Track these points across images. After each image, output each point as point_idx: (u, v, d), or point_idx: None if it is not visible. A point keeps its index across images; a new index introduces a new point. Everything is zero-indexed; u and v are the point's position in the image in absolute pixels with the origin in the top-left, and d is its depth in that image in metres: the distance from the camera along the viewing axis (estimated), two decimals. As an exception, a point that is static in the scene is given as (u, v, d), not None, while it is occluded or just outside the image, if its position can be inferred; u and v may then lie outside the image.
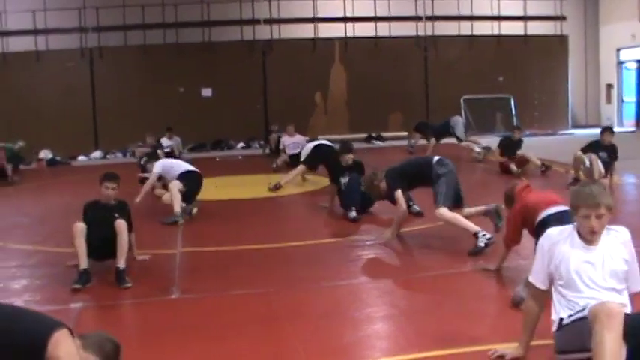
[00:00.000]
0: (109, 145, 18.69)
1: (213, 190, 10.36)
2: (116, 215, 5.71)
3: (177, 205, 7.99)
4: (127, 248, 5.64)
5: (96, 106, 18.82)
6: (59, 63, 18.55)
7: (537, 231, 4.82)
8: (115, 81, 18.75)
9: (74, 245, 5.49)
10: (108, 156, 18.35)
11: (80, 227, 5.52)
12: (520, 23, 20.85)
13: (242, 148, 19.22)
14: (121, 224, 5.57)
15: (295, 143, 13.70)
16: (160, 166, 8.85)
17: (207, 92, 19.43)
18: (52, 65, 18.50)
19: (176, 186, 8.22)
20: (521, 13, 20.87)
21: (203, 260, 6.38)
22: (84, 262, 5.45)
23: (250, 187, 11.24)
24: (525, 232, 5.30)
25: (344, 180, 8.58)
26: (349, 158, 8.66)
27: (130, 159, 15.94)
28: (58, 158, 17.49)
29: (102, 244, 5.62)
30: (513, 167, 11.51)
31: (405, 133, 18.06)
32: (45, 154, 17.54)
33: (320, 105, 20.20)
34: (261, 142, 18.63)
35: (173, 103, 18.79)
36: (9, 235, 7.73)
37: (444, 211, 6.42)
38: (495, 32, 20.68)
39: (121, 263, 5.52)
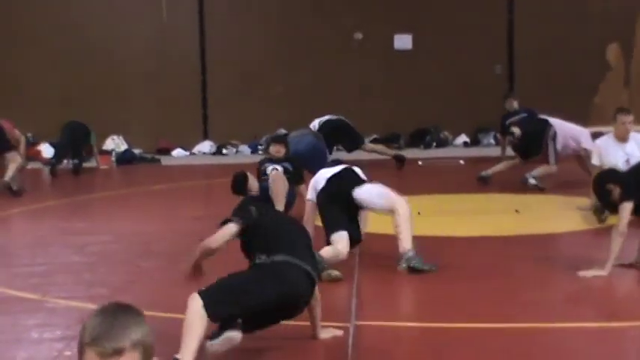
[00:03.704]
0: (226, 133, 18.26)
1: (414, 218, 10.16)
2: None
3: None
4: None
5: (206, 65, 18.55)
6: None
7: None
8: (240, 17, 18.49)
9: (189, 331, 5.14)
10: (225, 150, 18.05)
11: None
12: None
13: (465, 144, 18.61)
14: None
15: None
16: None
17: (404, 42, 18.76)
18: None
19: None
20: None
21: (392, 342, 6.12)
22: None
23: (481, 215, 11.10)
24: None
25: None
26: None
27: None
28: (136, 151, 17.41)
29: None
30: None
31: None
32: (114, 143, 17.40)
33: (617, 69, 19.01)
34: (498, 135, 17.32)
35: (342, 60, 18.24)
36: (52, 283, 7.42)
37: None
38: None
39: None
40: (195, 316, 4.97)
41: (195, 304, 4.96)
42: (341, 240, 7.53)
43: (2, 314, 6.23)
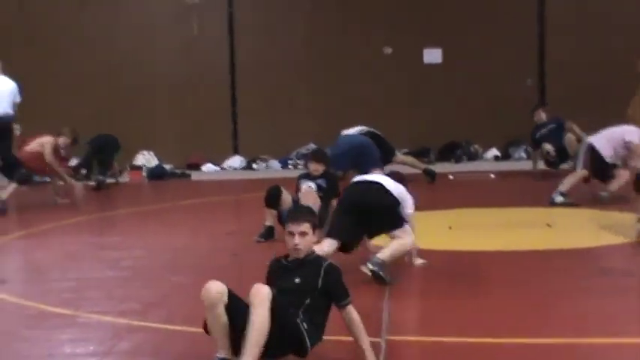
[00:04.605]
0: (256, 148, 18.34)
1: (444, 232, 10.60)
2: (296, 280, 5.54)
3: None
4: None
5: (235, 79, 18.58)
6: (173, 1, 18.42)
7: None
8: (271, 32, 18.50)
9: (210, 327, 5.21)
10: (255, 165, 18.07)
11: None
12: None
13: (496, 158, 18.49)
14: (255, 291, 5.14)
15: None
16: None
17: (433, 56, 18.80)
18: (158, 4, 18.55)
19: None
20: None
21: (423, 357, 6.11)
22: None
23: (512, 229, 10.91)
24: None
25: None
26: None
27: (295, 173, 14.53)
28: (166, 167, 17.42)
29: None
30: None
31: None
32: (144, 159, 17.46)
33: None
34: (529, 148, 17.58)
35: (372, 74, 18.23)
36: (85, 298, 7.41)
37: None
38: None
39: None
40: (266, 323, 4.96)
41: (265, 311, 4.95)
42: (328, 244, 7.64)
43: (36, 329, 6.21)
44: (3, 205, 11.58)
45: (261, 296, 5.00)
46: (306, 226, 5.59)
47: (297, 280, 5.35)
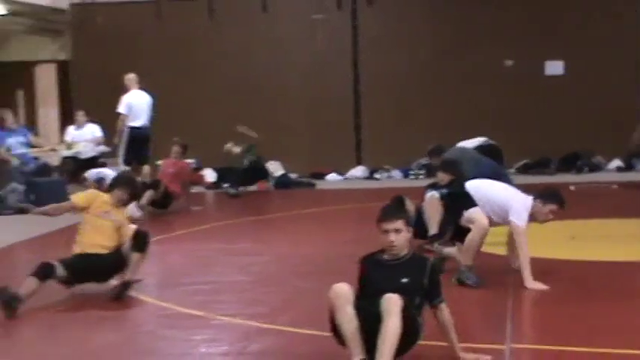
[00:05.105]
0: (379, 158, 18.27)
1: (567, 242, 10.34)
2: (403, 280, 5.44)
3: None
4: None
5: (359, 91, 18.50)
6: (301, 16, 18.37)
7: None
8: (393, 47, 18.34)
9: (341, 327, 5.16)
10: (377, 175, 17.99)
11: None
12: None
13: (618, 169, 18.19)
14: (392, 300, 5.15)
15: None
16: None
17: (555, 68, 18.58)
18: (286, 19, 18.50)
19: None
20: None
21: None
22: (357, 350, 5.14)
23: (637, 240, 10.47)
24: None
25: None
26: None
27: (416, 183, 15.02)
28: (292, 176, 17.53)
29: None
30: None
31: None
32: (272, 168, 17.37)
33: None
34: None
35: (492, 86, 18.08)
36: (217, 301, 7.51)
37: None
38: None
39: None
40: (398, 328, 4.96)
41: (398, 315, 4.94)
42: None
43: (173, 329, 6.44)
44: (143, 209, 11.92)
45: (395, 304, 4.96)
46: (399, 223, 5.47)
47: (404, 280, 5.29)
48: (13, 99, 18.70)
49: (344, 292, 5.05)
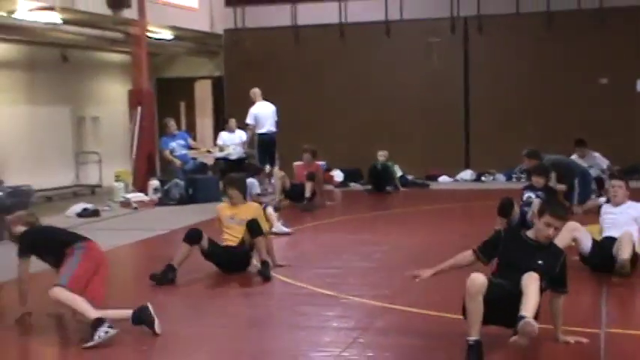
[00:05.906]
0: (485, 163, 17.91)
1: None
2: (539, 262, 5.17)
3: None
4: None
5: (469, 105, 18.13)
6: (419, 39, 17.89)
7: None
8: (500, 67, 18.02)
9: (469, 310, 4.94)
10: (483, 177, 17.70)
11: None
12: None
13: None
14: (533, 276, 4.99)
15: None
16: None
17: None
18: (406, 42, 18.10)
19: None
20: None
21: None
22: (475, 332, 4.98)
23: None
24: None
25: None
26: None
27: (516, 185, 14.40)
28: (409, 177, 17.09)
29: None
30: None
31: None
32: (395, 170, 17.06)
33: None
34: None
35: (587, 102, 17.45)
36: (345, 283, 7.45)
37: None
38: None
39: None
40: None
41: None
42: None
43: (309, 305, 6.47)
44: (278, 204, 11.91)
45: (535, 279, 4.93)
46: (562, 224, 5.49)
47: (540, 262, 5.16)
48: (176, 109, 18.96)
49: (479, 282, 4.99)
